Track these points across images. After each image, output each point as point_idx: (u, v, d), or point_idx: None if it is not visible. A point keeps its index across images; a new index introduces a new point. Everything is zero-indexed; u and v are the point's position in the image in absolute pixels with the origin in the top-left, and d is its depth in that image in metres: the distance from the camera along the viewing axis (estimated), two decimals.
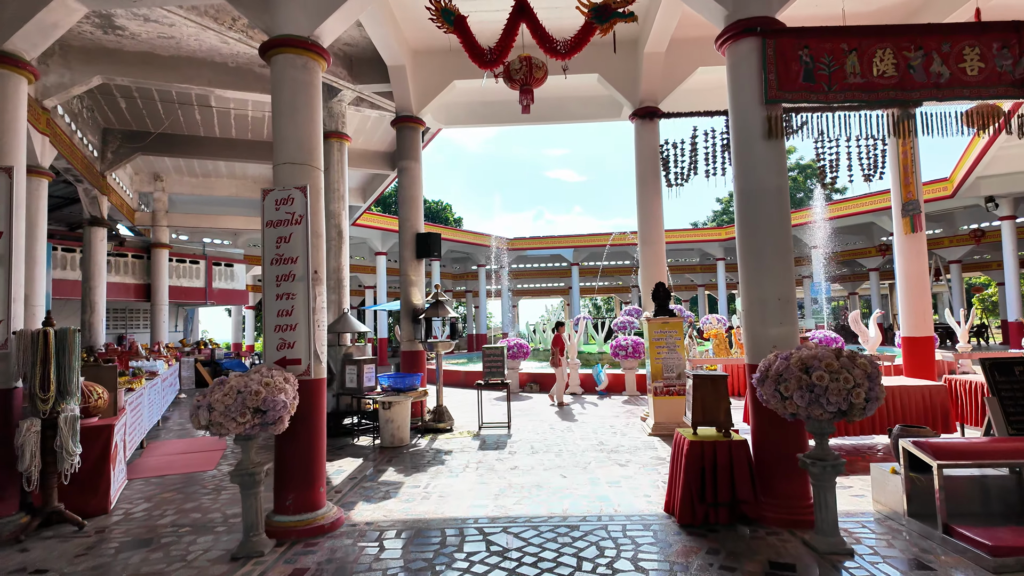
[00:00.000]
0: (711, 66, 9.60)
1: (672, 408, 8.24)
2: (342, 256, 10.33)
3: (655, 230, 9.45)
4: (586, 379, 12.96)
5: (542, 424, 9.29)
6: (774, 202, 4.95)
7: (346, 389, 8.84)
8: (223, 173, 16.44)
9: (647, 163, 9.53)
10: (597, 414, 10.16)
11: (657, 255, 9.42)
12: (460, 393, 13.40)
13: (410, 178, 9.67)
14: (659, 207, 9.50)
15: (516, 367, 13.61)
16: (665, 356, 8.34)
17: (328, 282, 10.25)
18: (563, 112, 11.66)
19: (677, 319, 8.39)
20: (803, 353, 4.16)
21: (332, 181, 10.41)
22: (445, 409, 9.06)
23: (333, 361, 9.15)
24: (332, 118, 10.51)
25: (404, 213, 9.66)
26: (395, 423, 7.92)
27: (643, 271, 9.49)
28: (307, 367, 4.87)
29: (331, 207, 10.37)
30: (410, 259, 9.56)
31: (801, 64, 4.85)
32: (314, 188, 5.04)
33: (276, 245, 4.91)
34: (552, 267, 36.78)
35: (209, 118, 12.38)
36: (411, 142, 9.78)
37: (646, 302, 9.44)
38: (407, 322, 9.51)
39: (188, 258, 17.40)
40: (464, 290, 36.50)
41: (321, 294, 5.09)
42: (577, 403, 11.49)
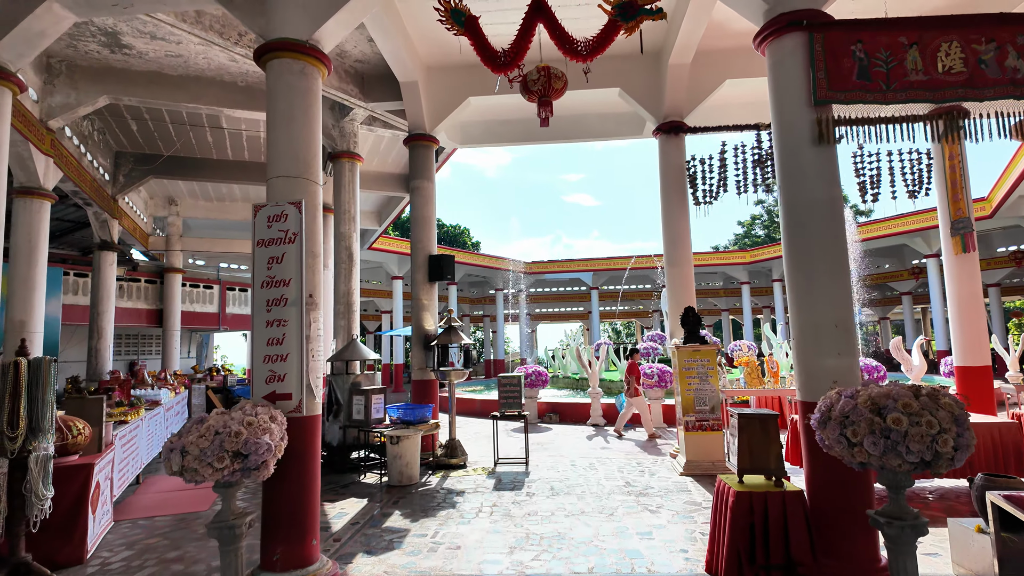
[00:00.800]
0: (739, 78, 9.09)
1: (705, 445, 7.54)
2: (352, 280, 9.89)
3: (682, 251, 8.85)
4: (608, 409, 12.26)
5: (562, 460, 8.62)
6: (826, 215, 4.36)
7: (353, 421, 8.29)
8: (237, 197, 16.26)
9: (672, 180, 8.99)
10: (622, 448, 9.46)
11: (685, 277, 8.81)
12: (475, 424, 12.77)
13: (423, 198, 9.23)
14: (686, 226, 8.92)
15: (534, 396, 12.96)
16: (697, 387, 7.67)
17: (337, 307, 9.80)
18: (582, 129, 11.21)
19: (709, 347, 7.73)
20: (873, 391, 3.52)
21: (343, 202, 10.03)
22: (458, 443, 8.45)
23: (340, 391, 8.63)
24: (344, 137, 10.18)
25: (416, 234, 9.20)
26: (404, 459, 7.33)
27: (670, 294, 8.87)
28: (299, 403, 4.34)
29: (341, 229, 9.97)
30: (422, 282, 9.07)
31: (854, 60, 4.30)
32: (310, 204, 4.57)
33: (267, 266, 4.43)
34: (571, 291, 36.16)
35: (221, 140, 12.17)
36: (424, 161, 9.37)
37: (673, 327, 8.80)
38: (418, 349, 8.98)
39: (202, 283, 17.19)
40: (481, 315, 35.99)
41: (317, 320, 4.57)
42: (599, 435, 10.79)
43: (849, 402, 3.56)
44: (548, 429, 11.71)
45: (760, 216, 50.96)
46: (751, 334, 30.52)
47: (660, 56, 9.16)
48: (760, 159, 8.78)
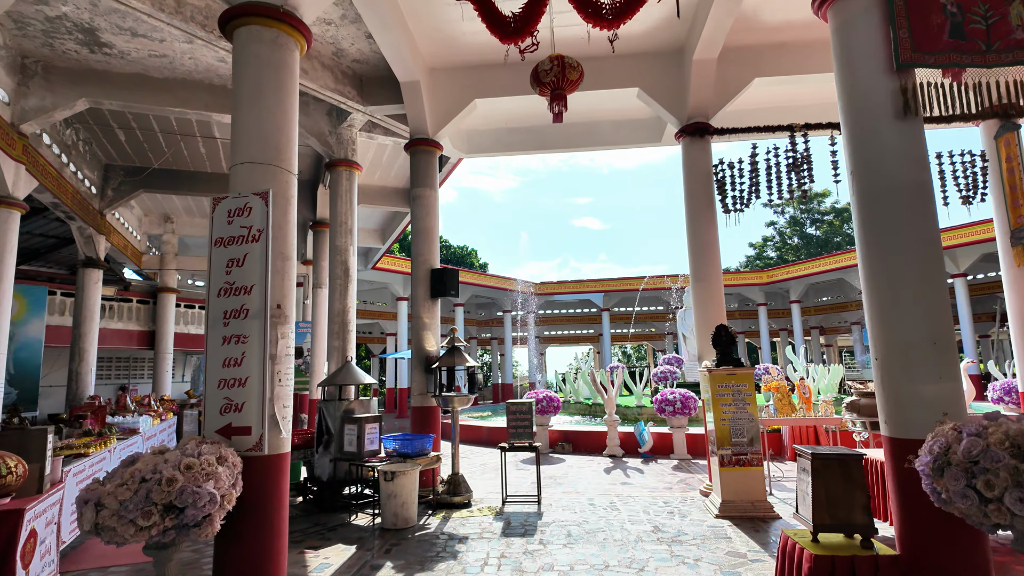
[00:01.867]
0: (770, 77, 8.34)
1: (744, 483, 6.59)
2: (348, 297, 9.10)
3: (710, 264, 8.01)
4: (626, 438, 11.29)
5: (579, 497, 7.68)
6: (915, 205, 3.52)
7: (344, 453, 7.41)
8: None
9: (698, 186, 8.19)
10: (645, 484, 8.49)
11: (713, 292, 7.95)
12: (482, 454, 11.82)
13: (424, 208, 8.47)
14: (714, 237, 8.09)
15: (546, 424, 12.01)
16: (732, 416, 6.75)
17: (332, 327, 8.99)
18: (596, 137, 10.48)
19: (747, 370, 6.83)
20: (1011, 427, 2.64)
21: (340, 213, 9.29)
22: (462, 479, 7.54)
23: (331, 419, 7.77)
24: (341, 144, 9.48)
25: (417, 247, 8.42)
26: (399, 499, 6.43)
27: (698, 311, 8.00)
28: (259, 438, 3.50)
29: (337, 242, 9.21)
30: (423, 299, 8.26)
31: (945, 16, 3.50)
32: (281, 196, 3.79)
33: (226, 270, 3.64)
34: (581, 313, 35.23)
35: (214, 152, 11.54)
36: (426, 168, 8.63)
37: (702, 348, 7.91)
38: (418, 372, 8.13)
39: (197, 304, 16.49)
40: (489, 337, 35.08)
41: (286, 337, 3.75)
42: (618, 468, 9.82)
43: (977, 442, 2.68)
44: (561, 460, 10.75)
45: (772, 238, 50.05)
46: (768, 358, 29.39)
47: (683, 53, 8.44)
48: (795, 163, 7.98)
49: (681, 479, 8.78)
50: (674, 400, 10.63)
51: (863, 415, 7.60)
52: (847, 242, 41.49)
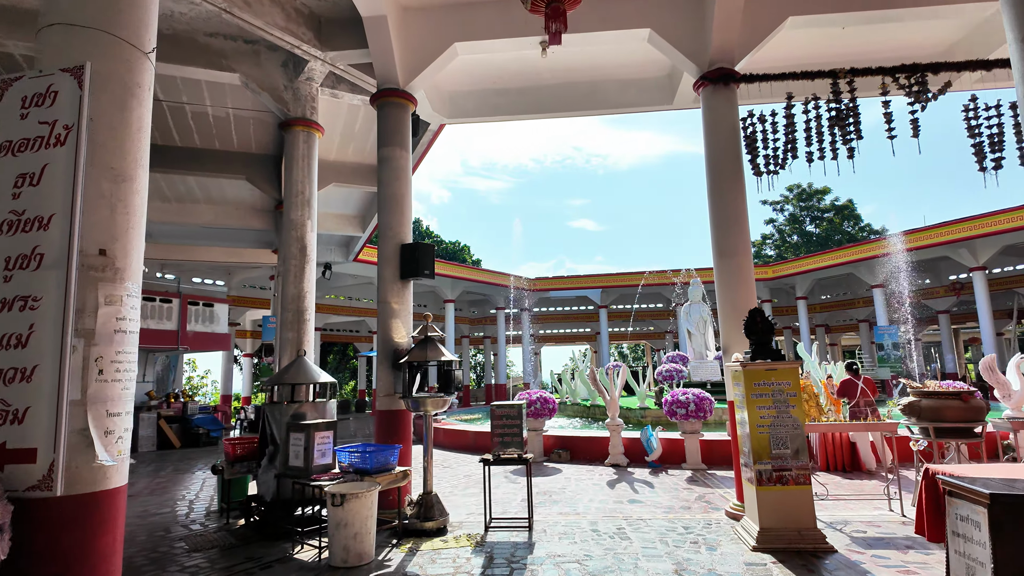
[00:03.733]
0: (805, 15, 6.96)
1: (789, 506, 5.21)
2: (305, 281, 7.68)
3: (738, 236, 6.62)
4: (631, 445, 9.90)
5: (579, 521, 6.29)
6: None
7: (290, 468, 6.00)
8: (199, 198, 14.17)
9: (722, 144, 6.80)
10: (657, 501, 7.11)
11: (742, 271, 6.56)
12: (468, 462, 10.41)
13: (393, 171, 7.07)
14: (742, 203, 6.70)
15: (539, 428, 10.62)
16: (773, 421, 5.37)
17: (284, 315, 7.57)
18: (599, 99, 9.10)
19: (790, 364, 5.45)
20: None
21: (295, 182, 7.88)
22: (435, 499, 6.13)
23: (277, 426, 6.36)
24: (298, 101, 8.07)
25: (385, 219, 7.02)
26: (351, 528, 5.02)
27: (723, 294, 6.61)
28: (49, 467, 2.08)
29: (292, 216, 7.80)
30: (391, 280, 6.86)
31: None
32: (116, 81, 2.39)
33: (13, 192, 2.23)
34: (578, 310, 33.87)
35: (162, 118, 10.09)
36: (396, 124, 7.23)
37: (728, 338, 6.52)
38: (384, 369, 6.73)
39: (158, 296, 15.04)
40: (482, 336, 33.67)
41: (116, 303, 2.34)
42: (623, 480, 8.43)
43: None
44: (557, 471, 9.35)
45: (771, 236, 48.82)
46: None
47: None
48: (839, 115, 6.62)
49: (699, 495, 7.40)
50: (687, 401, 9.25)
51: (924, 419, 6.25)
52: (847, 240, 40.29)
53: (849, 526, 5.82)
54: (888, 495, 6.44)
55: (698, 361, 17.05)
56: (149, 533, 6.45)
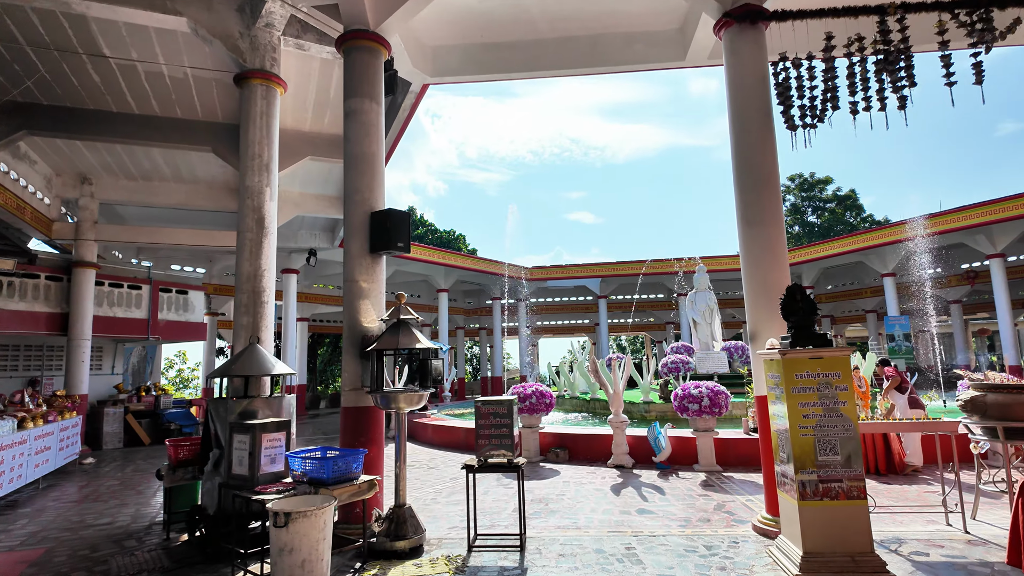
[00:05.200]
0: None
1: (839, 524, 4.23)
2: (262, 257, 6.65)
3: (766, 200, 5.59)
4: (637, 443, 8.93)
5: (582, 537, 5.30)
6: None
7: (233, 477, 4.99)
8: (167, 176, 13.08)
9: (749, 95, 5.77)
10: (670, 511, 6.12)
11: (772, 242, 5.53)
12: (457, 462, 9.42)
13: (361, 126, 6.03)
14: (772, 163, 5.68)
15: (535, 425, 9.64)
16: (819, 421, 4.37)
17: (239, 296, 6.55)
18: (600, 55, 8.06)
19: (840, 351, 4.44)
20: None
21: (252, 143, 6.84)
22: (408, 514, 5.13)
23: (222, 425, 5.35)
24: (256, 51, 7.01)
25: (352, 181, 5.97)
26: (298, 554, 4.01)
27: (750, 270, 5.59)
28: None
29: (248, 182, 6.76)
30: (359, 254, 5.83)
31: None
32: None
33: None
34: (576, 301, 32.84)
35: (112, 79, 9.01)
36: (365, 72, 6.18)
37: (756, 322, 5.52)
38: (350, 358, 5.71)
39: (126, 282, 13.98)
40: (477, 327, 32.66)
41: None
42: (629, 484, 7.45)
43: None
44: (554, 473, 8.37)
45: None
46: None
47: None
48: (887, 58, 5.58)
49: (718, 503, 6.41)
50: (700, 396, 8.26)
51: (991, 417, 5.25)
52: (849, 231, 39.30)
53: (905, 546, 4.84)
54: (946, 507, 5.45)
55: (704, 352, 16.09)
56: (71, 552, 5.45)
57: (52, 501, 7.72)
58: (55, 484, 8.90)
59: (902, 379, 7.72)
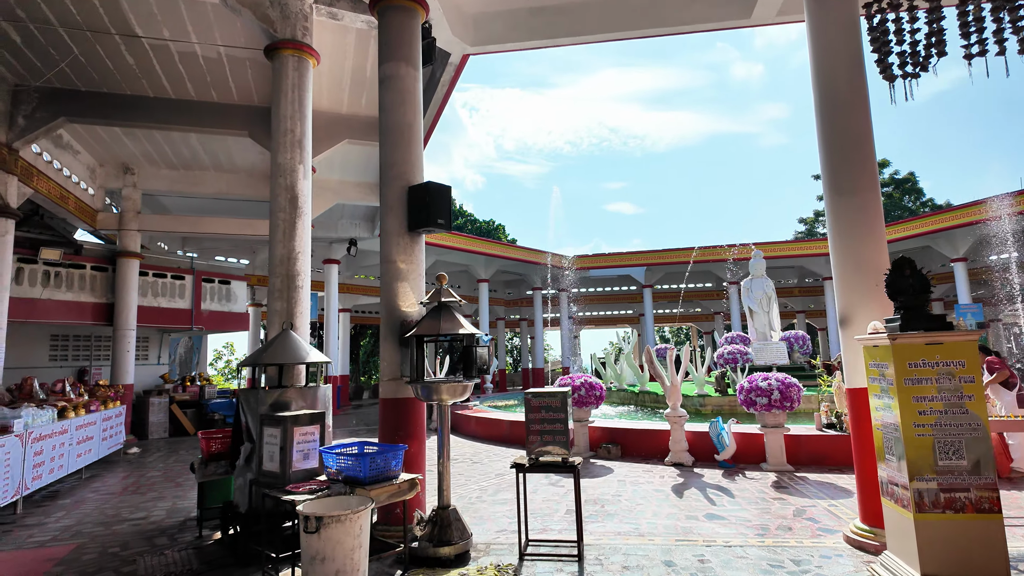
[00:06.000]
0: None
1: (967, 542, 3.52)
2: (296, 239, 6.24)
3: (861, 165, 4.84)
4: (697, 440, 8.25)
5: (646, 545, 4.72)
6: None
7: (264, 473, 4.59)
8: (207, 164, 12.99)
9: (836, 43, 5.01)
10: (742, 516, 5.46)
11: (867, 212, 4.78)
12: (502, 457, 8.93)
13: (397, 93, 5.53)
14: (865, 121, 4.91)
15: (585, 419, 9.06)
16: (939, 419, 3.66)
17: (273, 281, 6.17)
18: (656, 15, 7.35)
19: (965, 335, 3.71)
20: None
21: (284, 118, 6.43)
22: (453, 516, 4.63)
23: (253, 417, 4.96)
24: (286, 20, 6.59)
25: (387, 153, 5.49)
26: (331, 564, 3.56)
27: (839, 245, 4.86)
28: None
29: (280, 159, 6.36)
30: (396, 232, 5.35)
31: None
32: None
33: None
34: (619, 291, 31.97)
35: (146, 61, 8.79)
36: (401, 34, 5.68)
37: (847, 303, 4.79)
38: (389, 346, 5.25)
39: (170, 272, 14.00)
40: (518, 318, 32.17)
41: None
42: (691, 484, 6.80)
43: None
44: (607, 471, 7.78)
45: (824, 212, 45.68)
46: (837, 342, 25.64)
47: None
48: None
49: (796, 508, 5.71)
50: (769, 388, 7.51)
51: None
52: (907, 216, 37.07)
53: None
54: None
55: (761, 342, 15.16)
56: (102, 549, 5.18)
57: (92, 492, 7.58)
58: (97, 474, 8.82)
59: (1011, 373, 6.80)
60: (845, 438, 7.62)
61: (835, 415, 8.12)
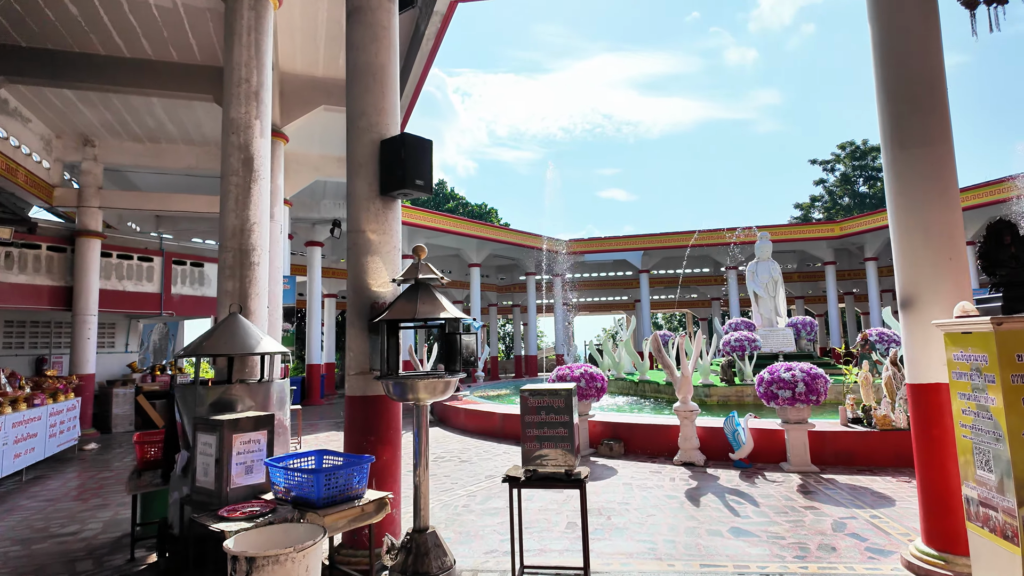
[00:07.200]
0: None
1: None
2: (251, 207, 5.31)
3: (928, 113, 3.98)
4: (709, 436, 7.45)
5: (667, 573, 3.89)
6: None
7: (197, 490, 3.71)
8: (175, 136, 11.96)
9: None
10: (774, 532, 4.65)
11: (939, 169, 3.93)
12: (493, 454, 8.10)
13: (368, 28, 4.59)
14: (935, 55, 4.04)
15: (585, 412, 8.24)
16: None
17: (222, 256, 5.25)
18: None
19: None
20: None
21: (236, 64, 5.47)
22: (433, 541, 3.77)
23: (188, 418, 4.07)
24: None
25: (355, 101, 4.56)
26: None
27: (901, 207, 4.00)
28: None
29: (232, 113, 5.41)
30: (366, 195, 4.44)
31: None
32: None
33: None
34: (615, 276, 31.16)
35: (94, 15, 7.78)
36: None
37: (912, 279, 3.95)
38: (356, 333, 4.37)
39: (136, 253, 13.02)
40: (511, 304, 31.32)
41: None
42: (707, 488, 6.00)
43: None
44: (610, 472, 6.97)
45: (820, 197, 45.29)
46: (838, 330, 24.97)
47: None
48: None
49: (834, 520, 4.91)
50: (793, 380, 6.69)
51: None
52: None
53: None
54: None
55: (767, 328, 14.40)
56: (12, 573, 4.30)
57: (28, 499, 6.68)
58: (43, 475, 7.92)
59: None
60: (876, 435, 6.85)
61: (862, 409, 7.34)
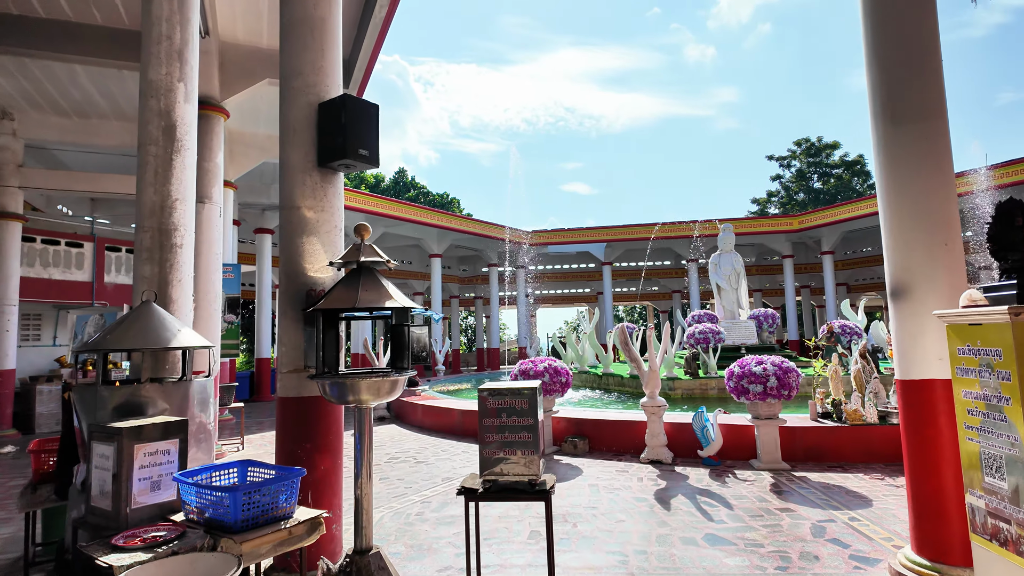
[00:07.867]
0: None
1: None
2: (172, 180, 4.66)
3: (925, 81, 3.66)
4: (676, 433, 7.14)
5: None
6: None
7: (93, 509, 3.12)
8: (105, 111, 10.99)
9: None
10: (751, 538, 4.32)
11: (934, 145, 3.60)
12: (451, 454, 7.62)
13: None
14: (931, 27, 3.73)
15: (549, 409, 7.84)
16: None
17: (140, 237, 4.59)
18: None
19: None
20: None
21: (155, 20, 4.79)
22: (376, 564, 3.27)
23: (87, 423, 3.46)
24: None
25: (291, 59, 3.99)
26: None
27: (893, 187, 3.68)
28: None
29: (151, 74, 4.74)
30: (301, 167, 3.88)
31: None
32: None
33: None
34: (578, 269, 30.96)
35: None
36: None
37: (905, 265, 3.64)
38: (289, 325, 3.82)
39: (64, 239, 11.99)
40: (473, 296, 30.80)
41: None
42: (677, 490, 5.67)
43: None
44: (575, 471, 6.58)
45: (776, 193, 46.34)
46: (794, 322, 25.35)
47: None
48: None
49: (813, 524, 4.62)
50: (764, 375, 6.42)
51: None
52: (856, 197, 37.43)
53: None
54: None
55: (729, 321, 14.31)
56: None
57: None
58: None
59: None
60: (847, 430, 6.66)
61: (831, 403, 7.15)
